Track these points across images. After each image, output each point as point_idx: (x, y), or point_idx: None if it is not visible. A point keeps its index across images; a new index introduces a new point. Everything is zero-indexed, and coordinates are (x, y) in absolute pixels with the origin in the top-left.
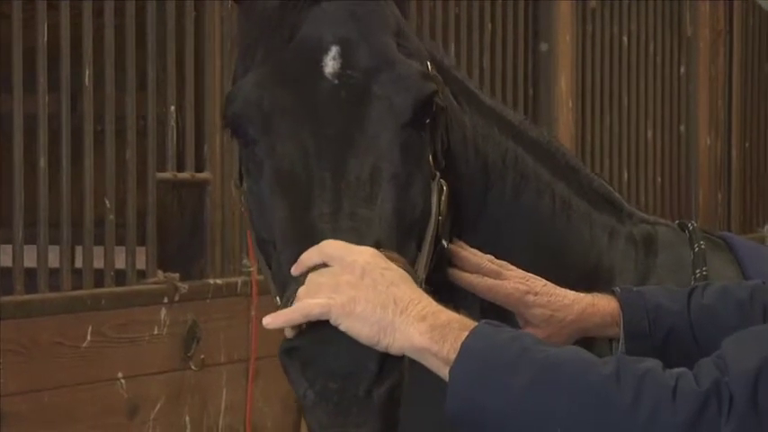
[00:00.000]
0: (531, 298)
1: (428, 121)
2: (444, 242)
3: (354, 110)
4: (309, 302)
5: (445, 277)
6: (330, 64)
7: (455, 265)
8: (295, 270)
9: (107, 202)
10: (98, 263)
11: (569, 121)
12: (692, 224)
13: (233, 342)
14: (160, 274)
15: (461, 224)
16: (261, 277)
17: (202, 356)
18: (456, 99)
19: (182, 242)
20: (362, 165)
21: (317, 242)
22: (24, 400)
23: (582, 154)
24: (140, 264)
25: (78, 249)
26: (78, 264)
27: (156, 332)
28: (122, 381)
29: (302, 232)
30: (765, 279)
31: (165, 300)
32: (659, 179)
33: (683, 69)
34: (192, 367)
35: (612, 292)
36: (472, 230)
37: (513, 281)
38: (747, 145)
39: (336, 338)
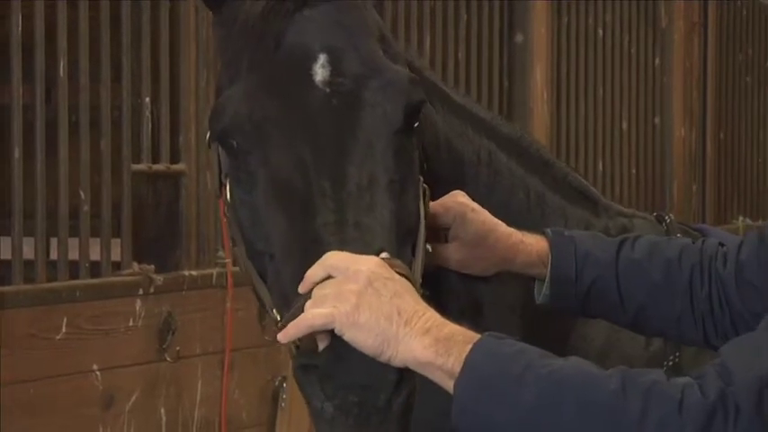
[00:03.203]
0: (470, 214)
1: (416, 125)
2: (428, 246)
3: (347, 117)
4: (313, 312)
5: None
6: (320, 72)
7: None
8: (302, 289)
9: (82, 193)
10: (73, 254)
11: (544, 112)
12: (669, 217)
13: (208, 334)
14: (135, 265)
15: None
16: (236, 269)
17: (178, 348)
18: (428, 99)
19: (157, 234)
20: (360, 173)
21: (323, 253)
22: None
23: (557, 145)
24: (115, 255)
25: (53, 241)
26: (53, 255)
27: (131, 324)
28: (97, 373)
29: (305, 244)
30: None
31: (141, 291)
32: (634, 170)
33: (657, 61)
34: (168, 359)
35: (543, 233)
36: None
37: (452, 197)
38: (722, 136)
39: (352, 352)
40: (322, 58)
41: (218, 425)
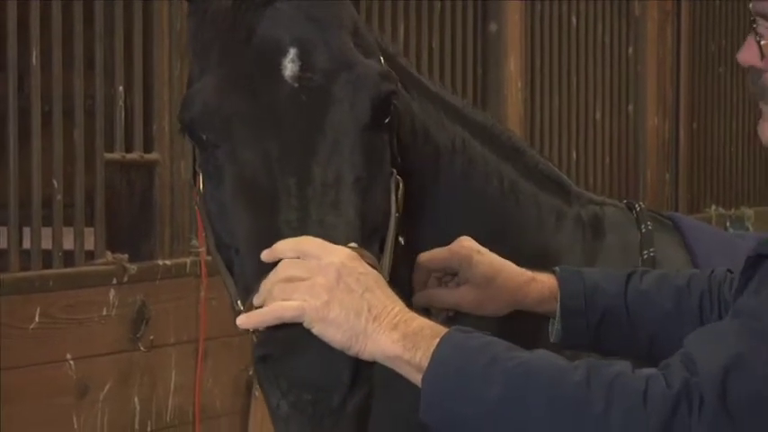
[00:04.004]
0: (476, 256)
1: (387, 120)
2: (401, 239)
3: (315, 113)
4: (283, 304)
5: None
6: (289, 66)
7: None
8: (266, 256)
9: (55, 182)
10: (46, 244)
11: (518, 101)
12: (639, 204)
13: (182, 323)
14: (109, 255)
15: (413, 214)
16: (210, 258)
17: (151, 337)
18: (403, 87)
19: (130, 223)
20: (326, 170)
21: None
22: None
23: (531, 134)
24: (89, 245)
25: (26, 230)
26: (26, 245)
27: (104, 313)
28: (71, 362)
29: (268, 240)
30: (711, 258)
31: (114, 281)
32: (607, 159)
33: (631, 50)
34: (141, 348)
35: (553, 271)
36: (423, 218)
37: (458, 242)
38: (695, 125)
39: (308, 344)
40: (291, 53)
41: (191, 414)
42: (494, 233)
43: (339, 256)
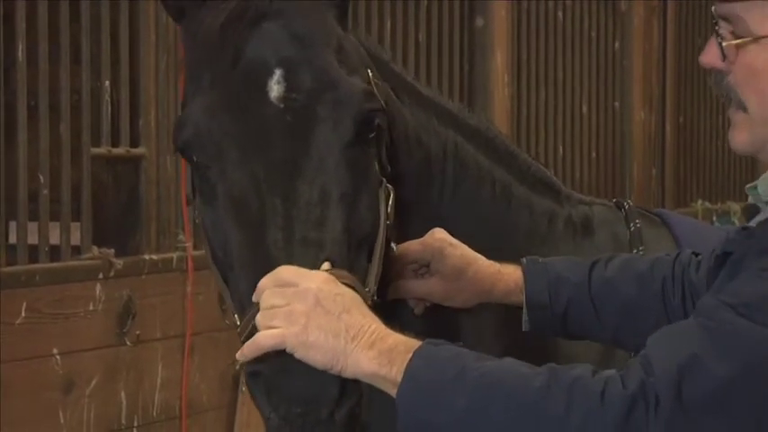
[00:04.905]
0: (448, 248)
1: (371, 135)
2: (393, 246)
3: (300, 133)
4: (265, 334)
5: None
6: (275, 88)
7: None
8: (255, 298)
9: (41, 177)
10: (32, 238)
11: (505, 96)
12: (627, 202)
13: (169, 318)
14: (95, 249)
15: (405, 219)
16: (197, 253)
17: (138, 332)
18: (395, 93)
19: (117, 218)
20: (311, 188)
21: (272, 267)
22: None
23: (517, 129)
24: (75, 239)
25: (12, 225)
26: (12, 239)
27: (91, 308)
28: (57, 357)
29: (257, 259)
30: (700, 254)
31: (101, 275)
32: (594, 154)
33: (617, 45)
34: (128, 343)
35: (518, 262)
36: (416, 223)
37: (431, 234)
38: (681, 120)
39: (296, 364)
40: (277, 74)
41: (178, 408)
42: (486, 236)
43: (315, 281)
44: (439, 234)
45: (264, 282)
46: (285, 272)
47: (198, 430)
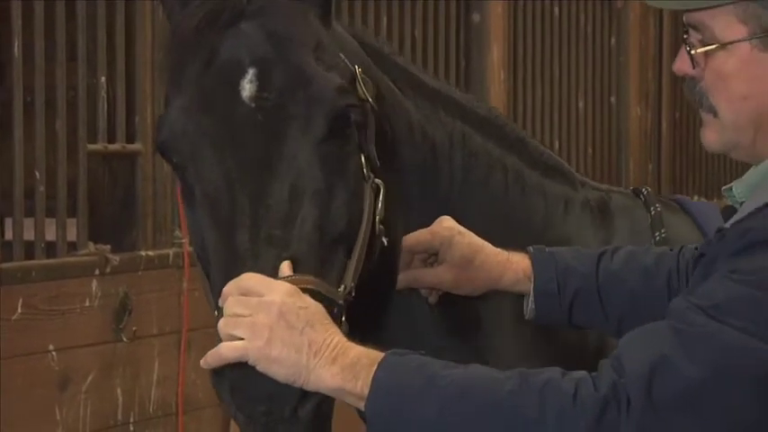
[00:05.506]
0: (456, 237)
1: (348, 130)
2: (384, 240)
3: (271, 132)
4: (228, 346)
5: (391, 275)
6: (247, 87)
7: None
8: (220, 303)
9: (37, 173)
10: (28, 235)
11: (501, 91)
12: (645, 189)
13: (165, 314)
14: (91, 245)
15: (413, 210)
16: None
17: (134, 328)
18: (397, 85)
19: (113, 214)
20: (280, 187)
21: (239, 268)
22: None
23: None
24: (71, 236)
25: (8, 221)
26: (8, 236)
27: (87, 304)
28: (53, 353)
29: (226, 258)
30: None
31: (97, 272)
32: (590, 150)
33: (613, 40)
34: (124, 339)
35: (526, 251)
36: (421, 215)
37: (439, 222)
38: (677, 116)
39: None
40: (250, 74)
41: (174, 405)
42: (499, 225)
43: (279, 292)
44: (447, 222)
45: (228, 288)
46: (249, 279)
47: (194, 427)
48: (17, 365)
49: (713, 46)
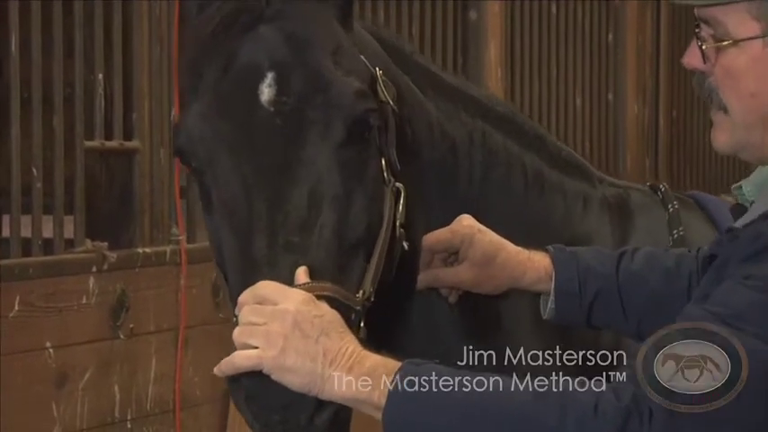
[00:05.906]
0: (477, 235)
1: (368, 134)
2: (405, 244)
3: (290, 137)
4: (242, 355)
5: (412, 276)
6: (266, 92)
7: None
8: (236, 311)
9: (34, 170)
10: (25, 232)
11: (498, 89)
12: (663, 185)
13: (162, 311)
14: (88, 242)
15: (432, 209)
16: (190, 246)
17: (131, 326)
18: (418, 85)
19: (110, 211)
20: (298, 192)
21: (256, 275)
22: None
23: None
24: (68, 233)
25: (5, 218)
26: (6, 233)
27: (84, 301)
28: (51, 350)
29: (244, 265)
30: None
31: (94, 269)
32: (588, 146)
33: (611, 37)
34: (121, 336)
35: (546, 250)
36: (441, 214)
37: (459, 221)
38: (674, 113)
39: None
40: (268, 78)
41: (172, 402)
42: (519, 223)
43: (294, 301)
44: (467, 221)
45: (244, 297)
46: (265, 288)
47: (192, 423)
48: (14, 362)
49: (726, 42)
